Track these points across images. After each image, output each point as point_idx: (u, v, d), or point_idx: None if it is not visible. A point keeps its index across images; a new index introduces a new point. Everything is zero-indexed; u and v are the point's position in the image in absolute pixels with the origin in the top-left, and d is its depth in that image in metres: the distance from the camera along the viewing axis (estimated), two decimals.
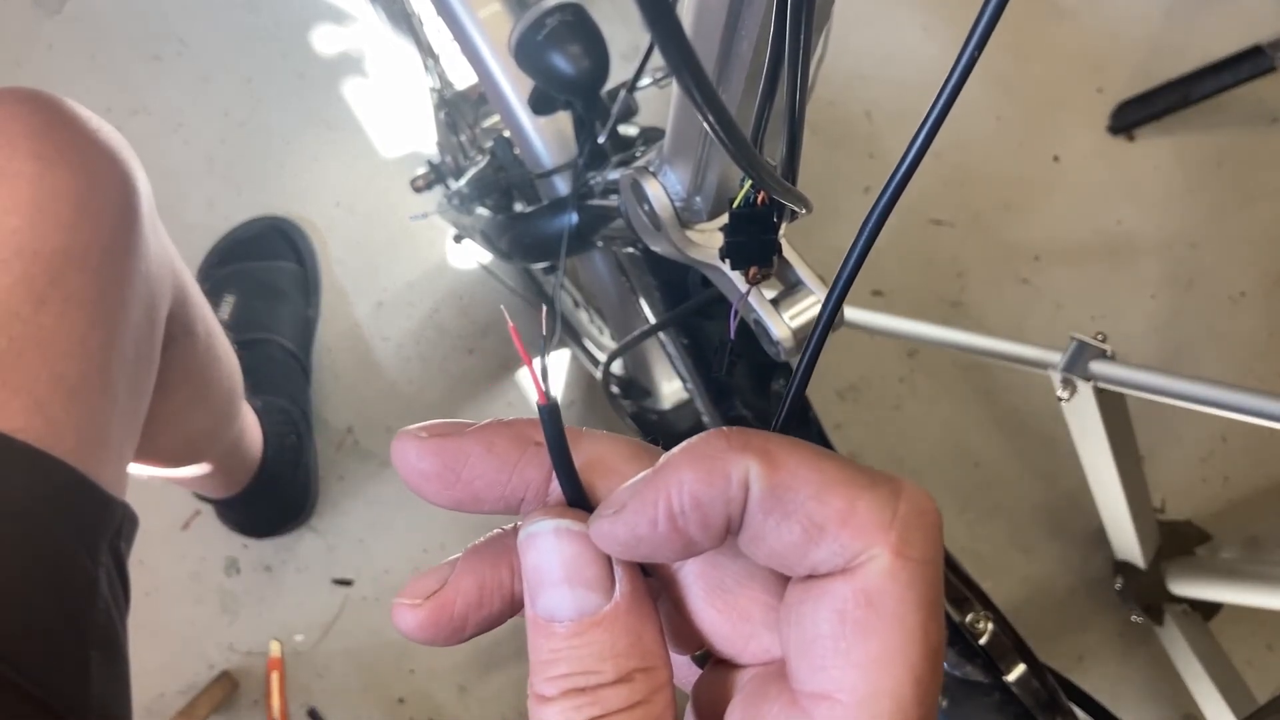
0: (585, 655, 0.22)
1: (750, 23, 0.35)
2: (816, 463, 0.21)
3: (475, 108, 1.05)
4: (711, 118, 0.26)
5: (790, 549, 0.21)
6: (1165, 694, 1.22)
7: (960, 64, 0.23)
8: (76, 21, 1.47)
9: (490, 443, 0.24)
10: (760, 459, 0.21)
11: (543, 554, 0.23)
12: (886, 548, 0.20)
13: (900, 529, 0.21)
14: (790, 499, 0.21)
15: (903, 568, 0.20)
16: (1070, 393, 0.93)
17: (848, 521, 0.20)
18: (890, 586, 0.20)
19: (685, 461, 0.21)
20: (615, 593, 0.22)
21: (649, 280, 0.75)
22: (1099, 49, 1.52)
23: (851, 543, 0.20)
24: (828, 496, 0.20)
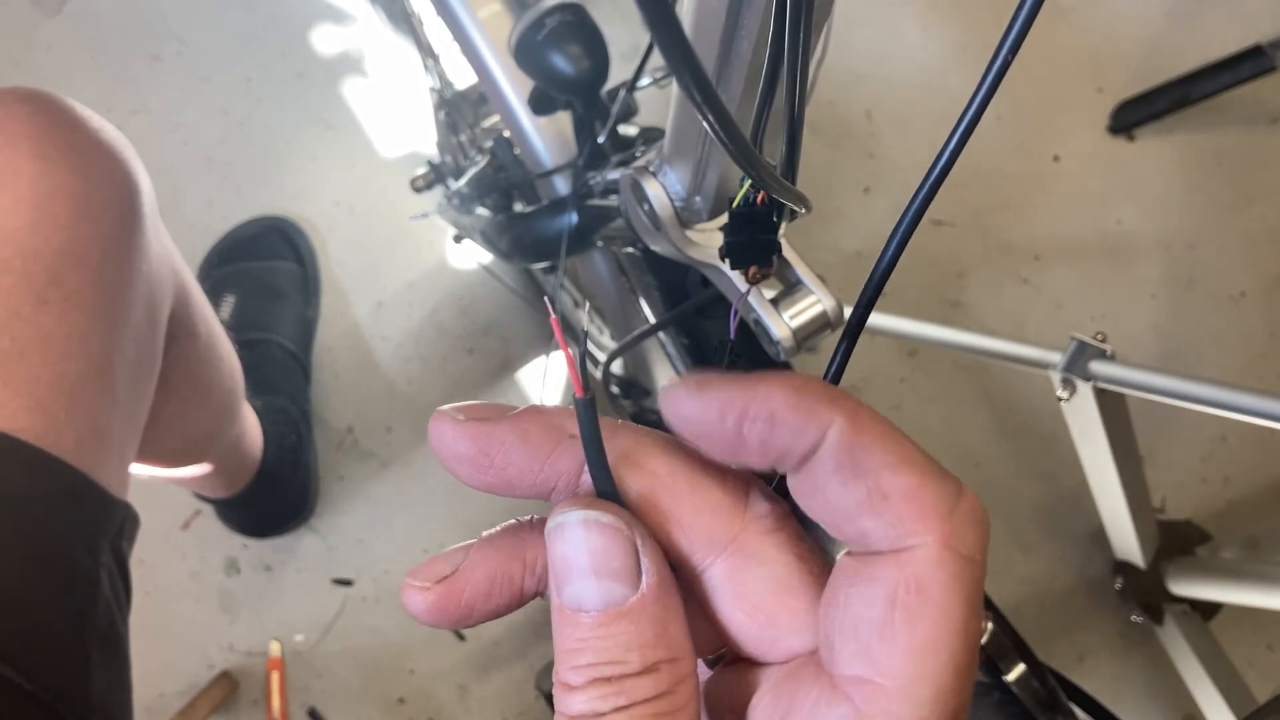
0: (611, 645, 0.22)
1: (750, 22, 0.35)
2: (898, 438, 0.22)
3: (475, 108, 1.05)
4: (711, 117, 0.26)
5: (847, 509, 0.22)
6: (1165, 694, 1.22)
7: (987, 79, 0.23)
8: (76, 21, 1.47)
9: (525, 431, 0.25)
10: (849, 416, 0.22)
11: (570, 544, 0.23)
12: (939, 536, 0.21)
13: (957, 522, 0.21)
14: (866, 461, 0.21)
15: (952, 559, 0.21)
16: (1070, 393, 0.93)
17: (912, 499, 0.21)
18: (940, 576, 0.21)
19: (782, 383, 0.22)
20: (642, 584, 0.23)
21: (649, 280, 0.75)
22: (1099, 49, 1.52)
23: (910, 520, 0.21)
24: (901, 469, 0.21)
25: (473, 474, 0.25)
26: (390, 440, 1.29)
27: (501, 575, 0.25)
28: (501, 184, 0.89)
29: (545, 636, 1.23)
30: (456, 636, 1.23)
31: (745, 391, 0.22)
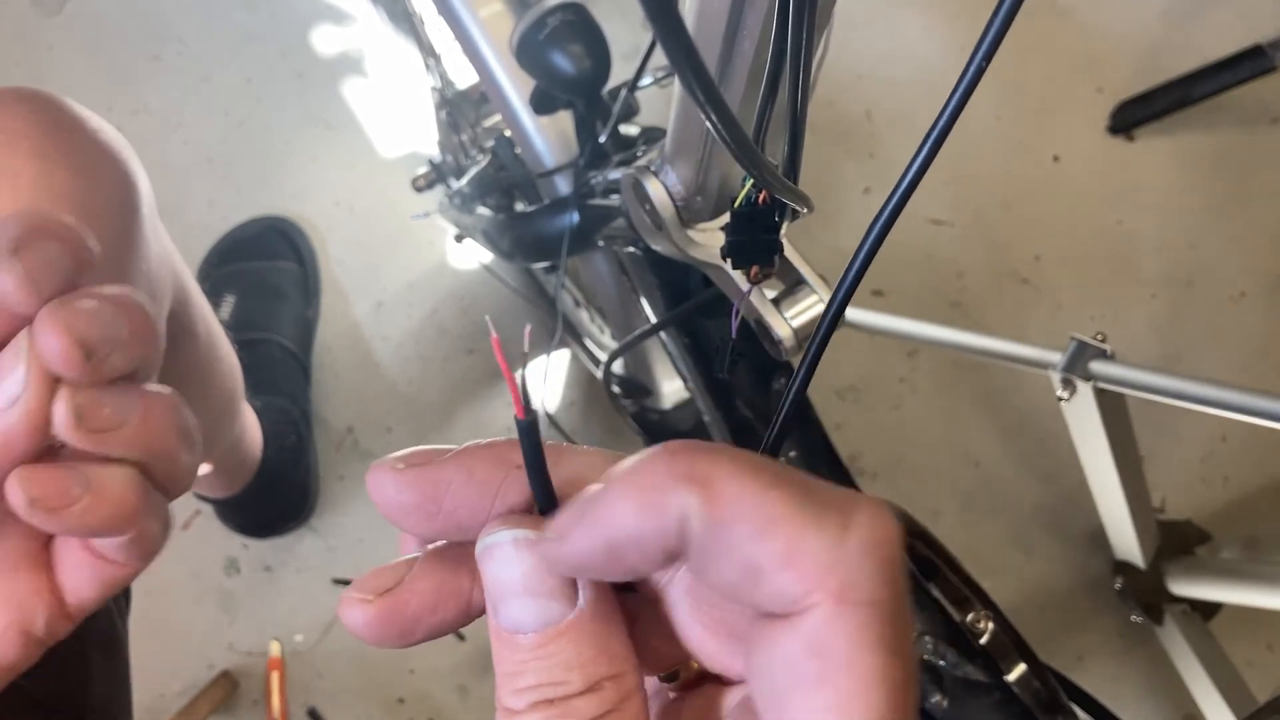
0: (551, 666, 0.22)
1: (752, 22, 0.35)
2: (761, 495, 0.19)
3: (476, 107, 1.05)
4: (714, 116, 0.26)
5: (731, 588, 0.20)
6: (1165, 694, 1.22)
7: (966, 76, 0.23)
8: (76, 22, 1.47)
9: (470, 468, 0.23)
10: (700, 491, 0.19)
11: (502, 565, 0.22)
12: (828, 594, 0.19)
13: (845, 571, 0.19)
14: (728, 537, 0.19)
15: (849, 612, 0.19)
16: (1070, 393, 0.93)
17: (788, 564, 0.19)
18: (835, 635, 0.19)
19: (622, 494, 0.20)
20: (579, 601, 0.22)
21: (650, 279, 0.75)
22: (1099, 48, 1.52)
23: (791, 586, 0.19)
24: (768, 536, 0.19)
25: (422, 523, 0.24)
26: (390, 440, 1.29)
27: (449, 588, 0.24)
28: (503, 183, 0.89)
29: None
30: (456, 636, 1.23)
31: (595, 519, 0.20)
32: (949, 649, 0.62)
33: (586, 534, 0.21)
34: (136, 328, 0.27)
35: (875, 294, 1.38)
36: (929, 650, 0.63)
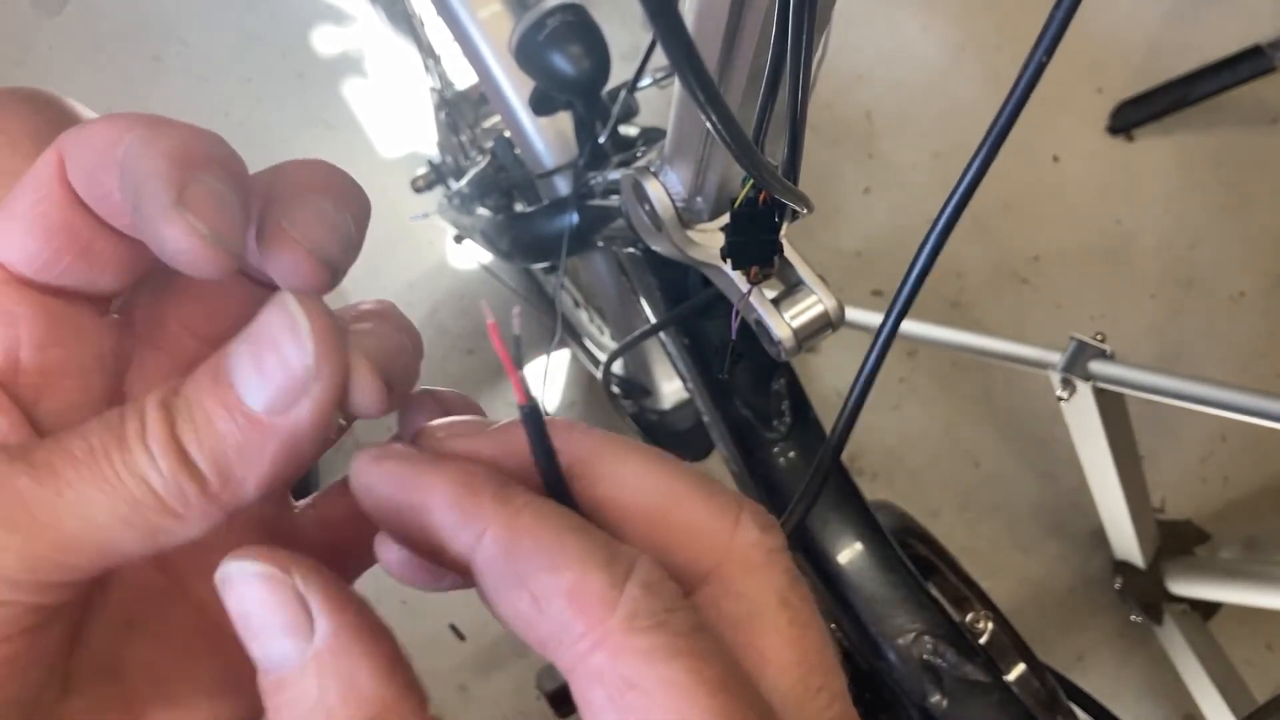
0: (296, 713, 0.19)
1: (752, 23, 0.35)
2: (559, 534, 0.19)
3: (476, 108, 1.05)
4: (714, 116, 0.26)
5: (520, 620, 0.19)
6: (1165, 693, 1.22)
7: (1028, 71, 0.23)
8: (77, 22, 1.47)
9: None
10: (506, 519, 0.20)
11: (237, 601, 0.20)
12: (616, 626, 0.18)
13: (627, 604, 0.18)
14: (522, 566, 0.19)
15: (641, 640, 0.18)
16: (1070, 393, 0.93)
17: (575, 596, 0.19)
18: (639, 667, 0.18)
19: (442, 483, 0.20)
20: (315, 636, 0.19)
21: (649, 280, 0.75)
22: (1099, 49, 1.52)
23: (576, 619, 0.18)
24: (559, 568, 0.19)
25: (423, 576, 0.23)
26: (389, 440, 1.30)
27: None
28: (502, 184, 0.89)
29: None
30: (457, 636, 1.23)
31: (413, 477, 0.21)
32: (948, 649, 0.62)
33: (405, 469, 0.21)
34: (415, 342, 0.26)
35: (875, 294, 1.38)
36: (929, 650, 0.63)
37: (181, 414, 0.20)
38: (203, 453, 0.20)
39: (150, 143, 0.20)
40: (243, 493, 0.20)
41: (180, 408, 0.20)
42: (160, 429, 0.20)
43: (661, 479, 0.22)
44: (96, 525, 0.19)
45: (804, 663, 0.20)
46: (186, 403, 0.20)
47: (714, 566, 0.21)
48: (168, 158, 0.20)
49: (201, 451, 0.20)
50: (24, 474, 0.19)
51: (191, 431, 0.20)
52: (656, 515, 0.21)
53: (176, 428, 0.20)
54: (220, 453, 0.20)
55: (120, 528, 0.19)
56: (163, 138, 0.20)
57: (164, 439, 0.20)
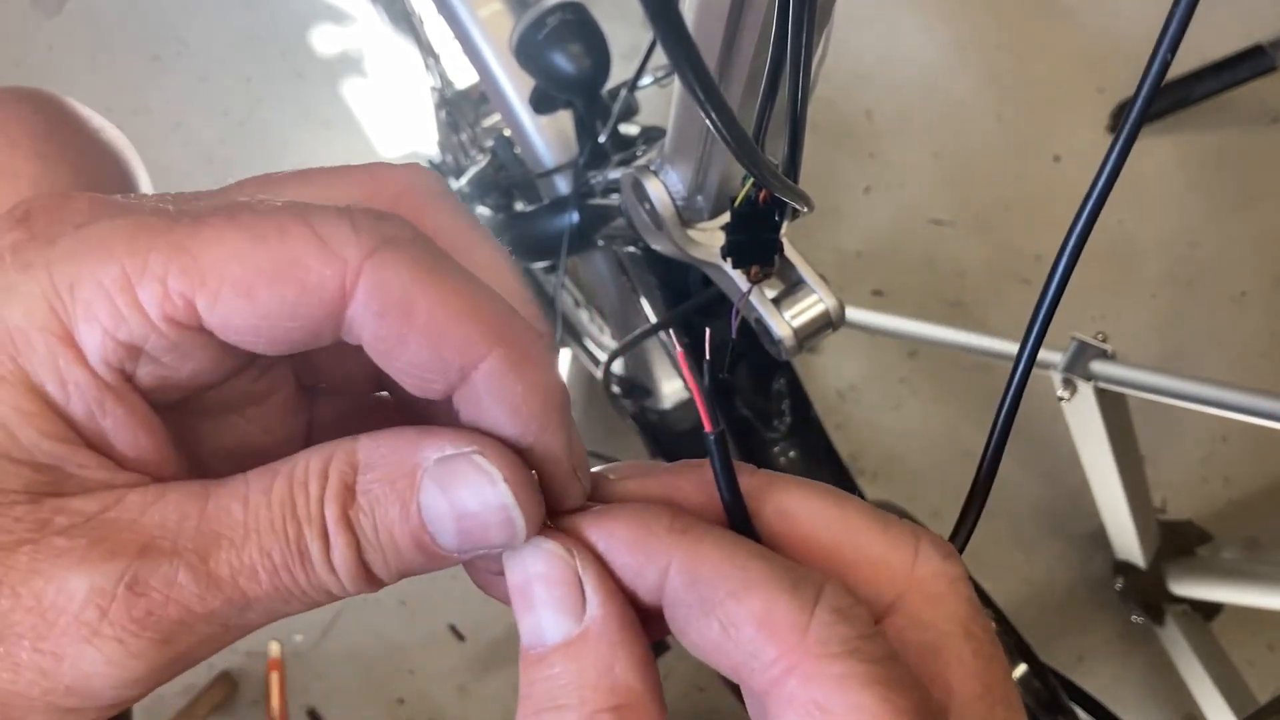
0: (552, 688, 0.20)
1: (752, 22, 0.35)
2: (743, 561, 0.20)
3: (476, 107, 1.05)
4: (714, 115, 0.26)
5: (712, 646, 0.20)
6: (1166, 694, 1.21)
7: (1151, 71, 0.23)
8: (77, 21, 1.47)
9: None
10: (686, 551, 0.20)
11: (517, 574, 0.21)
12: (809, 651, 0.19)
13: (821, 626, 0.19)
14: (709, 594, 0.20)
15: (836, 664, 0.19)
16: (1071, 393, 0.93)
17: (763, 624, 0.19)
18: (832, 689, 0.19)
19: (620, 527, 0.21)
20: (585, 617, 0.21)
21: (650, 279, 0.75)
22: (1099, 48, 1.52)
23: (767, 644, 0.19)
24: (745, 594, 0.19)
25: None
26: None
27: None
28: (502, 183, 0.89)
29: None
30: (456, 637, 1.23)
31: (596, 533, 0.21)
32: None
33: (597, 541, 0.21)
34: None
35: (876, 294, 1.38)
36: None
37: (369, 542, 0.20)
38: (387, 572, 0.21)
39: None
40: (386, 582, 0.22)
41: (367, 532, 0.20)
42: (348, 554, 0.20)
43: (834, 511, 0.22)
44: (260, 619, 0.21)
45: (988, 695, 0.20)
46: (375, 530, 0.20)
47: (896, 598, 0.21)
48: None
49: (386, 572, 0.21)
50: (208, 594, 0.19)
51: (381, 561, 0.21)
52: (832, 548, 0.22)
53: (364, 555, 0.20)
54: (404, 571, 0.21)
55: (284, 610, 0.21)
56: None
57: (351, 565, 0.20)
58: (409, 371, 0.20)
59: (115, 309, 0.19)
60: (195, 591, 0.19)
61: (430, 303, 0.19)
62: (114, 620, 0.19)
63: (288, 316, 0.19)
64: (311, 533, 0.20)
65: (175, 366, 0.20)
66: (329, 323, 0.19)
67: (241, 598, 0.20)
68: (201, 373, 0.21)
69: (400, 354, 0.19)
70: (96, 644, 0.18)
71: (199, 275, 0.18)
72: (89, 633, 0.18)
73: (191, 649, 0.20)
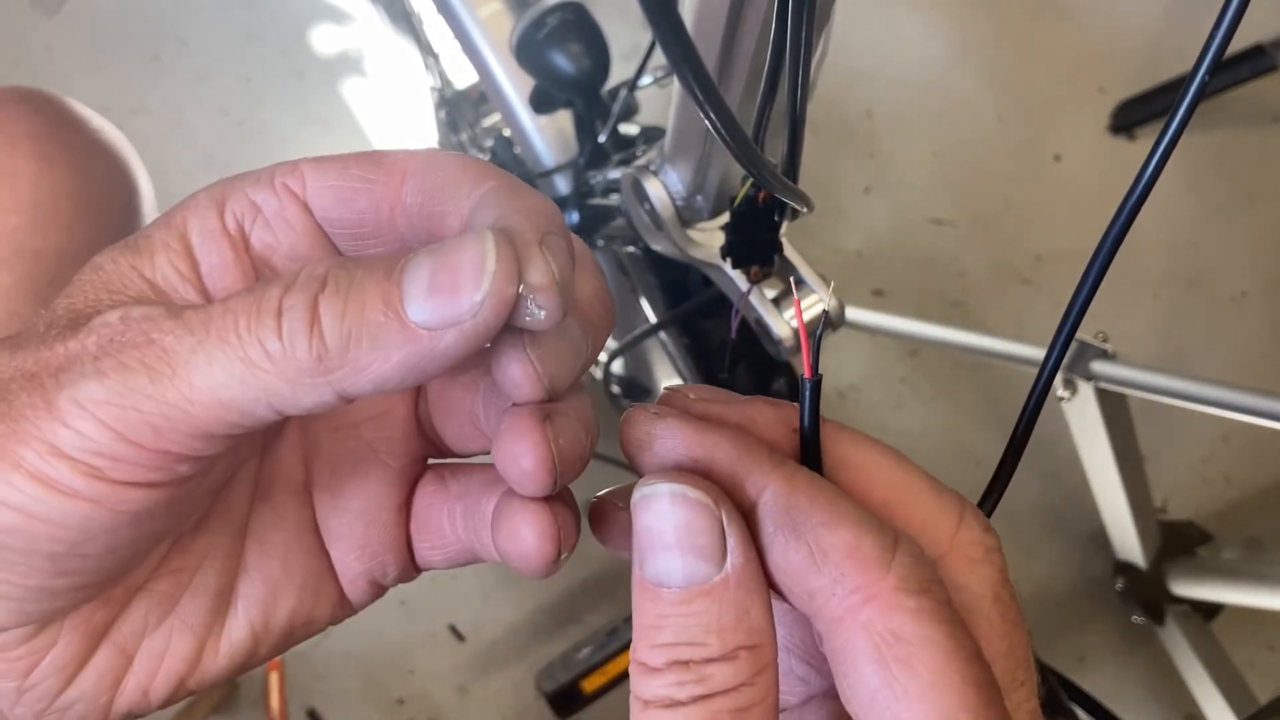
0: (691, 625, 0.22)
1: (751, 22, 0.35)
2: (832, 497, 0.22)
3: (475, 107, 1.05)
4: (714, 116, 0.26)
5: (793, 569, 0.22)
6: (1166, 694, 1.21)
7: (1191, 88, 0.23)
8: (76, 21, 1.47)
9: (753, 423, 0.25)
10: (785, 478, 0.22)
11: (657, 516, 0.22)
12: (889, 583, 0.21)
13: (901, 564, 0.21)
14: (804, 521, 0.22)
15: (910, 598, 0.21)
16: (1071, 393, 0.93)
17: (851, 553, 0.21)
18: (906, 618, 0.21)
19: (726, 445, 0.23)
20: (726, 564, 0.22)
21: (650, 279, 0.75)
22: (1099, 48, 1.52)
23: (853, 574, 0.21)
24: (837, 526, 0.21)
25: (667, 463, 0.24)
26: None
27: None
28: None
29: (545, 637, 1.23)
30: (456, 637, 1.23)
31: (698, 435, 0.23)
32: None
33: (685, 425, 0.24)
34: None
35: (876, 294, 1.38)
36: None
37: (339, 287, 0.21)
38: (339, 329, 0.21)
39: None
40: (359, 381, 0.21)
41: (341, 281, 0.21)
42: (305, 295, 0.21)
43: (897, 471, 0.24)
44: (217, 382, 0.21)
45: (1011, 655, 0.23)
46: (350, 280, 0.21)
47: (938, 557, 0.23)
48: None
49: (339, 327, 0.21)
50: (172, 331, 0.21)
51: (339, 305, 0.21)
52: (892, 502, 0.24)
53: (323, 296, 0.21)
54: (356, 336, 0.21)
55: (237, 386, 0.21)
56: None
57: (305, 305, 0.21)
58: None
59: (251, 188, 0.26)
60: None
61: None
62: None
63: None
64: (278, 282, 0.22)
65: (277, 238, 0.26)
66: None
67: (190, 335, 0.21)
68: (295, 250, 0.26)
69: None
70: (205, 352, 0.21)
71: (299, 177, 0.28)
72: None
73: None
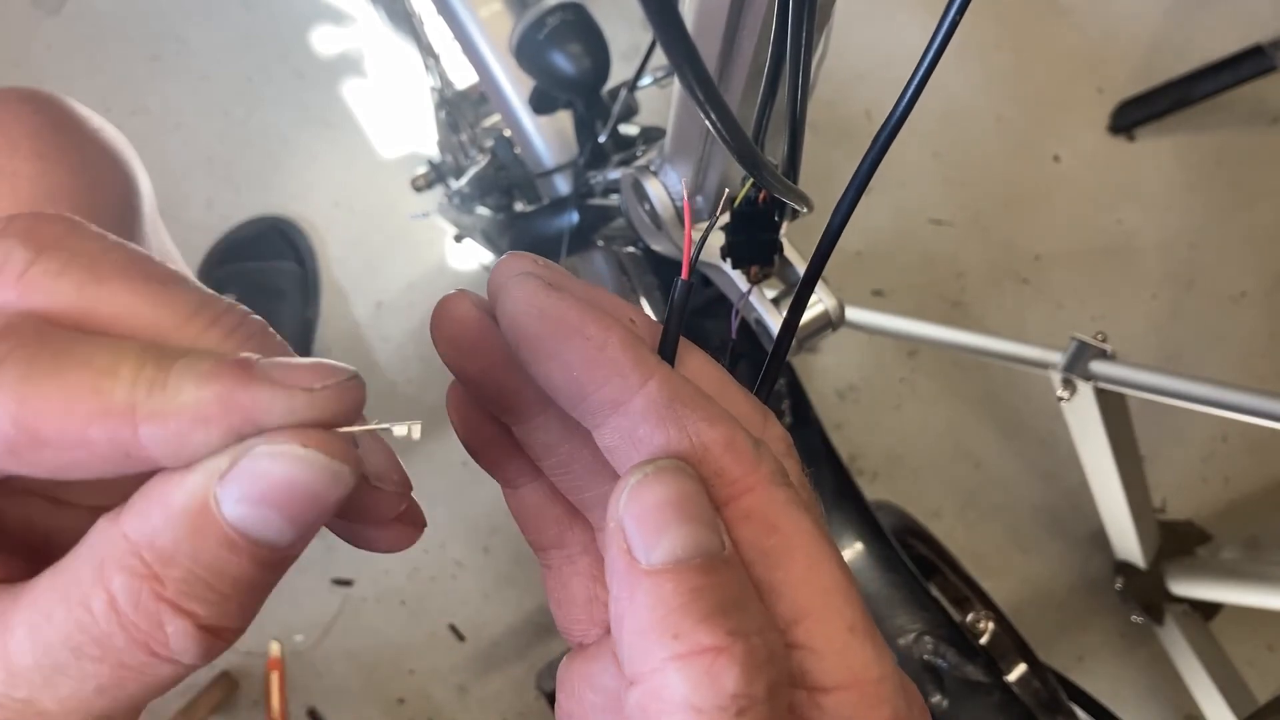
0: (727, 585, 0.21)
1: (752, 22, 0.35)
2: (706, 396, 0.23)
3: (476, 107, 1.05)
4: (714, 116, 0.26)
5: (674, 454, 0.23)
6: (1166, 694, 1.22)
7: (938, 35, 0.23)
8: (76, 21, 1.47)
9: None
10: (664, 375, 0.23)
11: (667, 492, 0.21)
12: (759, 476, 0.23)
13: (768, 462, 0.23)
14: (685, 415, 0.23)
15: (779, 491, 0.23)
16: (1070, 393, 0.93)
17: (729, 447, 0.23)
18: (776, 509, 0.22)
19: (617, 329, 0.23)
20: (725, 542, 0.22)
21: (649, 279, 0.75)
22: (1099, 48, 1.52)
23: (731, 466, 0.22)
24: (715, 423, 0.23)
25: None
26: (391, 441, 1.29)
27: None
28: (502, 183, 0.89)
29: (545, 637, 1.23)
30: (456, 636, 1.23)
31: (583, 315, 0.23)
32: (949, 649, 0.62)
33: (580, 305, 0.24)
34: None
35: (875, 294, 1.38)
36: (929, 650, 0.62)
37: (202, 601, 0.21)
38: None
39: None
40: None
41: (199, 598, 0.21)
42: (190, 630, 0.21)
43: (715, 371, 0.26)
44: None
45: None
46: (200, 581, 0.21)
47: None
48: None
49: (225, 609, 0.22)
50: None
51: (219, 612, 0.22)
52: (716, 398, 0.25)
53: (200, 620, 0.21)
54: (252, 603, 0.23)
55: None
56: None
57: (194, 636, 0.21)
58: None
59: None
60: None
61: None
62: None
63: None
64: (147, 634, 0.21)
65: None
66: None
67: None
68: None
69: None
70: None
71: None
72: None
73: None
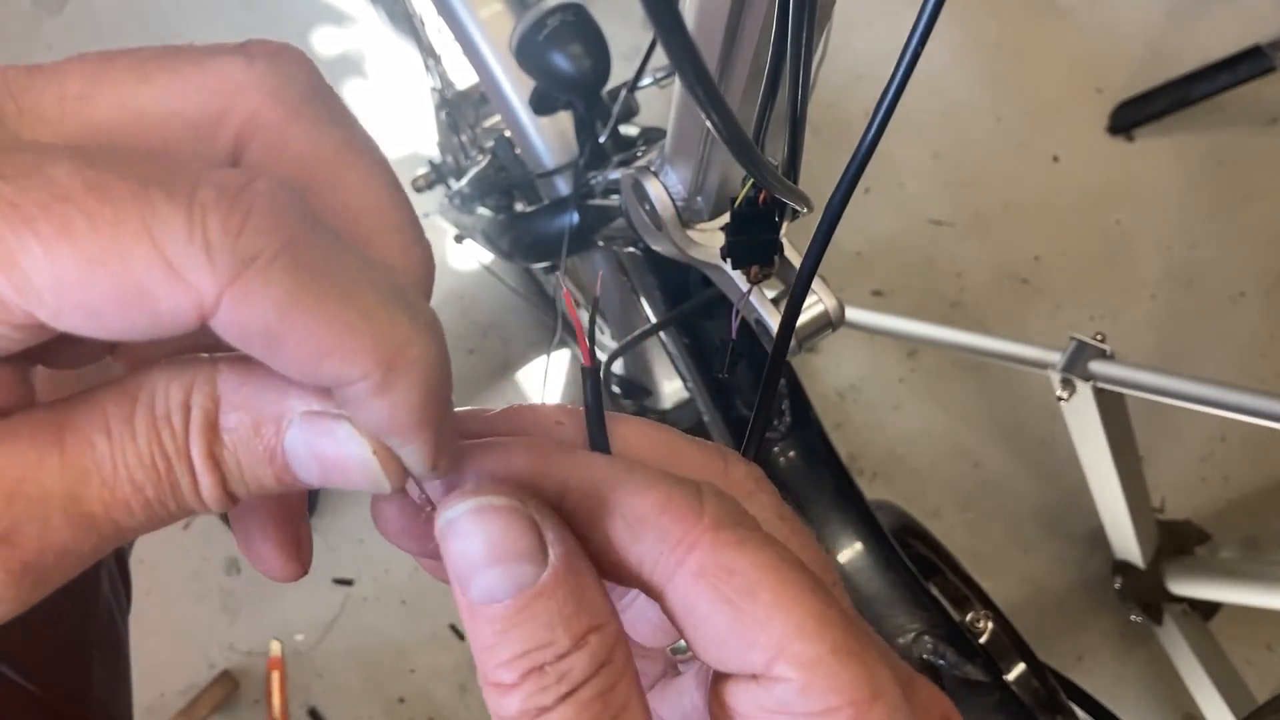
0: (535, 629, 0.21)
1: (752, 22, 0.35)
2: (629, 470, 0.23)
3: (476, 108, 1.05)
4: (714, 116, 0.26)
5: (617, 547, 0.22)
6: (1165, 693, 1.22)
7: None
8: (77, 21, 1.47)
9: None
10: (577, 465, 0.23)
11: (465, 538, 0.22)
12: (704, 527, 0.22)
13: (711, 510, 0.22)
14: (611, 497, 0.22)
15: (729, 534, 0.22)
16: (1070, 392, 0.93)
17: (665, 509, 0.22)
18: (730, 554, 0.21)
19: (518, 454, 0.24)
20: (550, 558, 0.21)
21: (650, 279, 0.75)
22: (1099, 49, 1.52)
23: (671, 527, 0.22)
24: (644, 492, 0.22)
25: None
26: None
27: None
28: (502, 184, 0.89)
29: None
30: (457, 636, 1.23)
31: (484, 455, 0.24)
32: (948, 648, 0.62)
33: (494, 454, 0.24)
34: None
35: (875, 294, 1.38)
36: (929, 650, 0.63)
37: (234, 476, 0.21)
38: (251, 495, 0.22)
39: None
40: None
41: (231, 468, 0.21)
42: (215, 488, 0.21)
43: (658, 434, 0.26)
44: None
45: (815, 561, 0.24)
46: (239, 467, 0.21)
47: None
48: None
49: (250, 495, 0.22)
50: (83, 533, 0.20)
51: (245, 490, 0.22)
52: (664, 462, 0.25)
53: (230, 487, 0.21)
54: (269, 493, 0.22)
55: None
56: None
57: (218, 495, 0.21)
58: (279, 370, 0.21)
59: None
60: (70, 534, 0.20)
61: (296, 336, 0.19)
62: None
63: (138, 333, 0.19)
64: (180, 468, 0.21)
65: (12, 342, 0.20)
66: (185, 333, 0.19)
67: (115, 530, 0.20)
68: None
69: (269, 361, 0.20)
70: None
71: (36, 296, 0.18)
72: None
73: (63, 576, 0.21)
